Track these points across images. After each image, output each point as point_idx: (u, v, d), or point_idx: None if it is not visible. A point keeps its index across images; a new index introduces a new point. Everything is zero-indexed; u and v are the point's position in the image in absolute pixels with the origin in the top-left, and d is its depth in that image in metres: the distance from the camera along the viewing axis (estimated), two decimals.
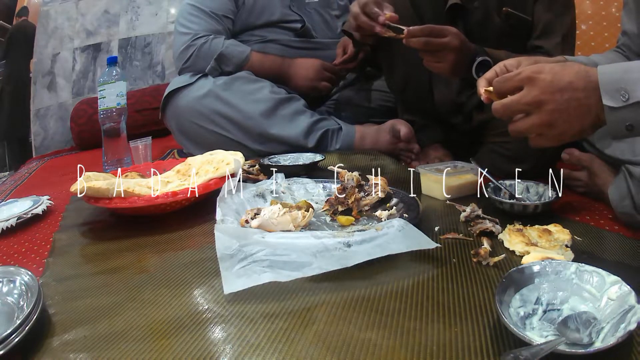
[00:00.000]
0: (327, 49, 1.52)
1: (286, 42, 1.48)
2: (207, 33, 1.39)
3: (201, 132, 1.33)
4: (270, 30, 1.48)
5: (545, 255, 0.62)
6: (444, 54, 0.97)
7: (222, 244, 0.64)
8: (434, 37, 0.95)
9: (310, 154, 1.23)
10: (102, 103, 1.36)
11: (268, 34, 1.48)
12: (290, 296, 0.58)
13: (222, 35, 1.41)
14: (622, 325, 0.45)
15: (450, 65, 0.98)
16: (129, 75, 2.61)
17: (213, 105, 1.31)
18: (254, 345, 0.49)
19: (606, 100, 0.57)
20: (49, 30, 2.67)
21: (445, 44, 0.95)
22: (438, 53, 0.97)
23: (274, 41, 1.47)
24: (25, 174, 1.85)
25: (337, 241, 0.65)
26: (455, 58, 0.97)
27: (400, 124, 1.33)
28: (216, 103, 1.31)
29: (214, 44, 1.38)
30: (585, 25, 1.80)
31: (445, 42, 0.95)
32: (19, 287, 0.60)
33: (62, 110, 2.60)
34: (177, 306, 0.58)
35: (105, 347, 0.50)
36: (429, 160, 1.28)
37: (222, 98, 1.31)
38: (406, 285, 0.60)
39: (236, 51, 1.39)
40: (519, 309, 0.51)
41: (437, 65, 1.00)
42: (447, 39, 0.95)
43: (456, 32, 0.97)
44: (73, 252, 0.81)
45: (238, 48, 1.40)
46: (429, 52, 0.98)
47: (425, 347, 0.47)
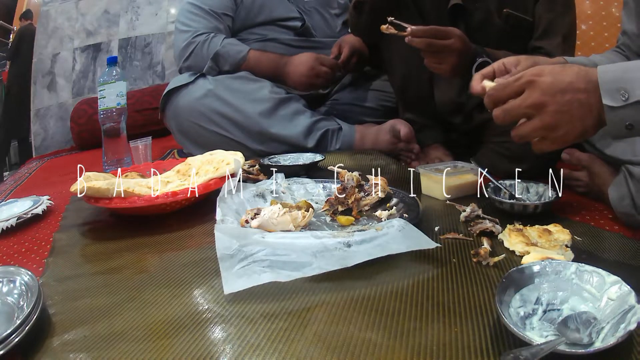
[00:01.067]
0: (327, 48, 1.52)
1: (286, 41, 1.48)
2: (208, 31, 1.39)
3: (201, 132, 1.33)
4: (270, 29, 1.48)
5: (545, 255, 0.62)
6: (445, 55, 0.97)
7: (222, 244, 0.64)
8: (437, 39, 0.95)
9: (310, 154, 1.23)
10: (102, 103, 1.36)
11: (268, 32, 1.47)
12: (290, 296, 0.58)
13: (221, 34, 1.40)
14: (622, 325, 0.45)
15: (450, 67, 0.98)
16: (129, 75, 2.61)
17: (213, 104, 1.31)
18: (254, 345, 0.49)
19: (606, 99, 0.57)
20: (49, 30, 2.67)
21: (448, 46, 0.95)
22: (440, 54, 0.98)
23: (274, 40, 1.47)
24: (25, 174, 1.85)
25: (337, 241, 0.65)
26: (457, 60, 0.97)
27: (400, 124, 1.33)
28: (216, 103, 1.31)
29: (212, 42, 1.38)
30: (585, 25, 1.80)
31: (448, 44, 0.95)
32: (19, 287, 0.60)
33: (62, 110, 2.61)
34: (177, 306, 0.58)
35: (105, 347, 0.50)
36: (429, 160, 1.28)
37: (221, 98, 1.31)
38: (406, 285, 0.60)
39: (233, 50, 1.39)
40: (519, 309, 0.51)
41: (438, 67, 1.00)
42: (450, 42, 0.95)
43: (460, 34, 0.97)
44: (73, 252, 0.81)
45: (236, 47, 1.40)
46: (431, 53, 0.98)
47: (425, 347, 0.47)
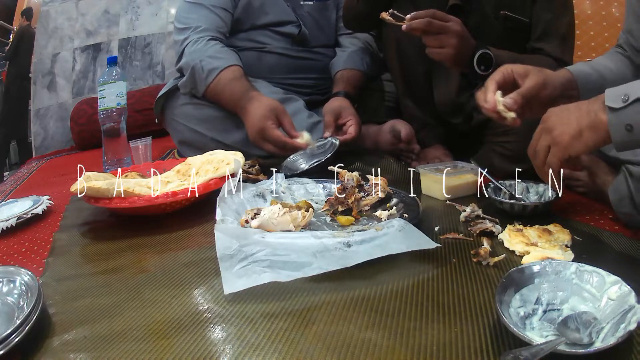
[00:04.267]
0: (322, 60, 1.50)
1: (282, 51, 1.44)
2: (208, 26, 1.34)
3: (197, 138, 1.32)
4: (267, 34, 1.44)
5: (545, 255, 0.62)
6: (446, 38, 0.96)
7: (222, 244, 0.64)
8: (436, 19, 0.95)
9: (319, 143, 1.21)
10: (102, 103, 1.36)
11: (264, 39, 1.43)
12: (290, 296, 0.58)
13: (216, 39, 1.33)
14: (622, 325, 0.45)
15: (453, 50, 0.96)
16: (129, 75, 2.61)
17: (209, 108, 1.30)
18: (254, 345, 0.49)
19: (608, 102, 0.59)
20: (49, 30, 2.67)
21: (448, 27, 0.95)
22: (440, 36, 0.96)
23: (270, 51, 1.43)
24: (25, 174, 1.85)
25: (337, 241, 0.65)
26: (458, 43, 0.96)
27: (400, 124, 1.33)
28: (212, 106, 1.30)
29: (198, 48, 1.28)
30: (585, 25, 1.80)
31: (448, 25, 0.95)
32: (19, 287, 0.60)
33: (62, 110, 2.60)
34: (177, 306, 0.58)
35: (105, 347, 0.50)
36: (429, 160, 1.28)
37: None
38: (406, 285, 0.60)
39: (206, 69, 1.24)
40: (519, 309, 0.51)
41: (440, 51, 0.98)
42: (450, 23, 0.95)
43: (458, 20, 0.96)
44: (73, 252, 0.81)
45: (214, 63, 1.25)
46: (432, 35, 0.97)
47: (425, 347, 0.47)
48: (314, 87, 1.50)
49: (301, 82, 1.47)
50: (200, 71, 1.26)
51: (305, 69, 1.48)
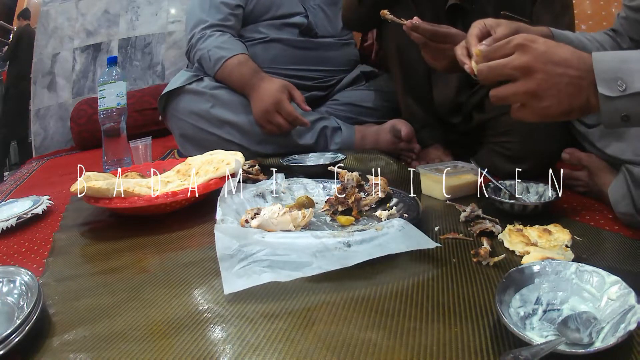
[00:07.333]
0: (330, 50, 1.51)
1: (289, 42, 1.46)
2: (217, 21, 1.37)
3: (201, 135, 1.33)
4: (275, 26, 1.45)
5: (545, 255, 0.62)
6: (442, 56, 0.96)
7: (222, 244, 0.64)
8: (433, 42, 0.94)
9: (330, 154, 1.24)
10: (102, 103, 1.36)
11: (272, 31, 1.45)
12: (290, 296, 0.58)
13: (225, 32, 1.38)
14: (622, 325, 0.45)
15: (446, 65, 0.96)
16: (129, 75, 2.61)
17: (211, 106, 1.31)
18: (254, 345, 0.49)
19: (602, 88, 0.56)
20: (49, 30, 2.67)
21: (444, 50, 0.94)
22: (436, 54, 0.97)
23: (277, 41, 1.46)
24: (25, 174, 1.85)
25: (337, 241, 0.65)
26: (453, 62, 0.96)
27: (400, 123, 1.33)
28: (215, 105, 1.31)
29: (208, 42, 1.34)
30: (585, 25, 1.80)
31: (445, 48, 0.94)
32: (19, 287, 0.60)
33: (62, 110, 2.61)
34: (177, 306, 0.58)
35: (105, 347, 0.50)
36: (429, 160, 1.28)
37: (219, 98, 1.31)
38: (406, 285, 0.60)
39: (215, 57, 1.32)
40: (519, 309, 0.51)
41: (433, 63, 0.98)
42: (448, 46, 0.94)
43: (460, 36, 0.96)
44: (73, 252, 0.81)
45: (220, 52, 1.32)
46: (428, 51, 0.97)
47: (425, 347, 0.47)
48: (317, 79, 1.51)
49: (305, 74, 1.48)
50: (207, 60, 1.34)
51: (309, 60, 1.48)
